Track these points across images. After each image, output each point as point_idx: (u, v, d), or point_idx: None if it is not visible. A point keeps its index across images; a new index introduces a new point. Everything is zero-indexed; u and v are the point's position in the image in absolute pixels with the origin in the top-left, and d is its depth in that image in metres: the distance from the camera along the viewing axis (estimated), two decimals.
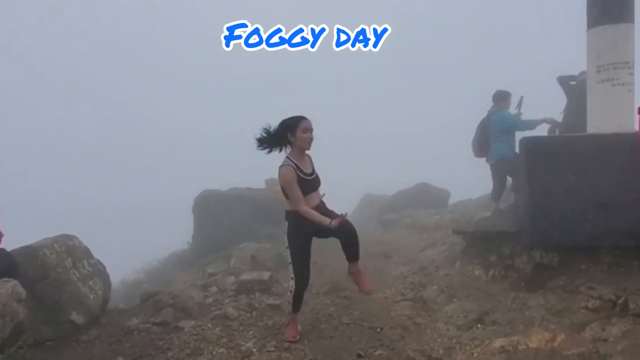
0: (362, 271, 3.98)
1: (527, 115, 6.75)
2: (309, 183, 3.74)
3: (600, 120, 4.89)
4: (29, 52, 68.58)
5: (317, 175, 3.86)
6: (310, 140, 3.73)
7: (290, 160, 3.66)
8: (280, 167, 3.69)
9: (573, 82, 6.98)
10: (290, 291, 3.82)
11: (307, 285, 3.87)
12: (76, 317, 4.32)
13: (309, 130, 3.71)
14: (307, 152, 3.82)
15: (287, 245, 3.80)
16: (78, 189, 43.21)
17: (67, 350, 3.96)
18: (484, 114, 6.82)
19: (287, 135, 3.70)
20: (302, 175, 3.68)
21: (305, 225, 3.69)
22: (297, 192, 3.59)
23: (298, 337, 3.87)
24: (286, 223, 3.82)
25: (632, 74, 4.84)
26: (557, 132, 6.83)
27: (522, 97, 6.81)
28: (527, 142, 4.96)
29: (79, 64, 70.17)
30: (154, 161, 51.21)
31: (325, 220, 3.52)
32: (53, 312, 4.26)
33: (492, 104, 6.74)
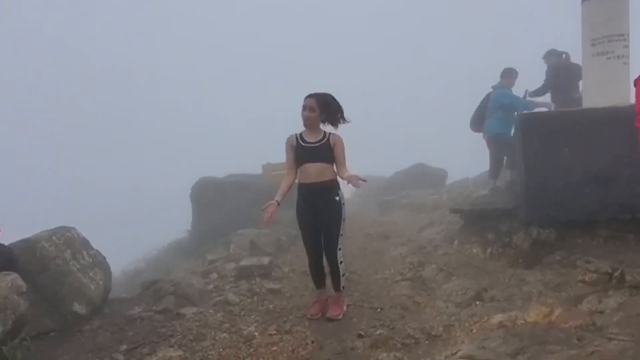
0: (334, 301, 4.06)
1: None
2: (304, 149, 3.83)
3: (596, 95, 4.87)
4: (25, 38, 67.75)
5: (321, 146, 3.82)
6: (304, 118, 3.81)
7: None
8: None
9: None
10: (344, 274, 3.96)
11: (315, 258, 4.02)
12: (78, 308, 4.34)
13: (305, 108, 3.79)
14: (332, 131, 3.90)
15: (344, 216, 3.85)
16: (75, 181, 43.07)
17: (70, 340, 3.99)
18: (482, 93, 6.81)
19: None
20: (301, 142, 3.85)
21: (302, 202, 3.92)
22: (288, 161, 3.91)
23: (319, 315, 4.00)
24: (342, 192, 3.90)
25: (627, 46, 4.79)
26: None
27: (526, 90, 6.89)
28: (522, 118, 4.95)
29: (77, 56, 69.39)
30: (150, 150, 51.00)
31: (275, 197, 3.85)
32: (55, 303, 4.28)
33: (490, 83, 6.75)
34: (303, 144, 3.84)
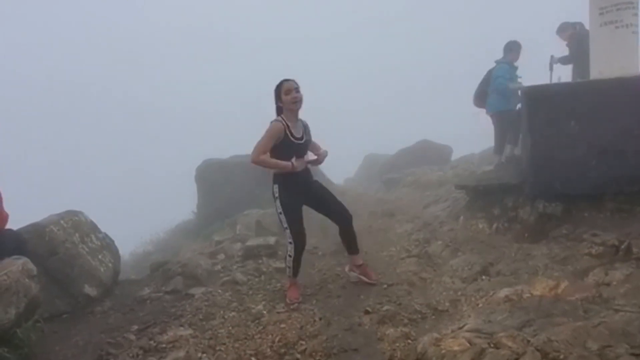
0: (364, 264, 4.16)
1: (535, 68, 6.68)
2: (296, 147, 3.77)
3: (603, 65, 4.75)
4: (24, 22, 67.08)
5: (307, 142, 3.87)
6: (295, 100, 3.70)
7: (282, 118, 3.72)
8: (272, 121, 3.75)
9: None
10: (290, 256, 3.87)
11: (304, 247, 3.93)
12: (89, 290, 4.42)
13: (292, 90, 3.69)
14: (300, 117, 3.85)
15: (280, 210, 3.84)
16: (81, 165, 43.28)
17: (83, 321, 4.07)
18: (487, 66, 6.71)
19: (278, 103, 3.78)
20: (291, 137, 3.72)
21: (295, 185, 3.80)
22: (267, 145, 3.65)
23: (301, 298, 3.94)
24: (275, 186, 3.84)
25: (636, 14, 4.64)
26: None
27: (551, 56, 6.72)
28: (528, 92, 4.87)
29: (79, 46, 68.79)
30: (154, 133, 51.02)
31: (285, 164, 3.66)
32: (66, 286, 4.35)
33: (494, 56, 6.63)
34: (294, 140, 3.72)
